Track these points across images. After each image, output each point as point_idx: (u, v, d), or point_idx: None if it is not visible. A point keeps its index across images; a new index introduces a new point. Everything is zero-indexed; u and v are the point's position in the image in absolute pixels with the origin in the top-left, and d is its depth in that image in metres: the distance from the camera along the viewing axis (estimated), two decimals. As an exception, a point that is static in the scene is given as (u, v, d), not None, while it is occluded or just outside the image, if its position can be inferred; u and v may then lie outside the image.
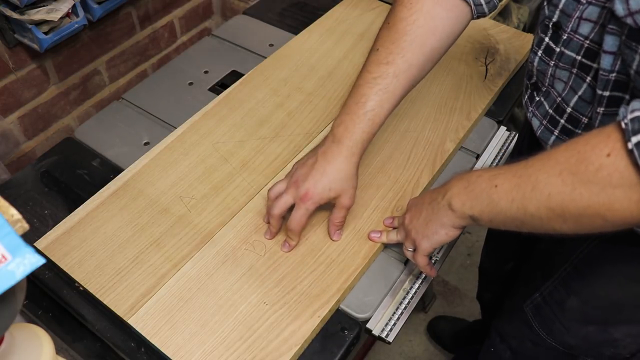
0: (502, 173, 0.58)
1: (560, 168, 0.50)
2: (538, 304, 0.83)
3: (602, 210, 0.48)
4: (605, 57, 0.55)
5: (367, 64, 0.72)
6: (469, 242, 1.76)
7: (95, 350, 0.72)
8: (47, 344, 0.43)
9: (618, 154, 0.46)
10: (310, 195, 0.71)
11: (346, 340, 0.71)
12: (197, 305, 0.71)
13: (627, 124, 0.45)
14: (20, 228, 0.35)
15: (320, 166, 0.71)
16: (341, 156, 0.71)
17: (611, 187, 0.47)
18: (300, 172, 0.73)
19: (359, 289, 0.75)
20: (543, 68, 0.67)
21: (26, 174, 0.90)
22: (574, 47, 0.61)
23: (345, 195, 0.73)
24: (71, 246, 0.77)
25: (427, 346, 1.56)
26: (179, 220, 0.80)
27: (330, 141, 0.72)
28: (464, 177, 0.63)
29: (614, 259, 0.71)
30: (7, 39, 0.97)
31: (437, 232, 0.67)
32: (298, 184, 0.72)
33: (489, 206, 0.59)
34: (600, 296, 0.75)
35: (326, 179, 0.71)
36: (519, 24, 1.56)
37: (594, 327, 0.78)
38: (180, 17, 1.34)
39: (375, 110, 0.70)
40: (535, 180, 0.53)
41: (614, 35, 0.53)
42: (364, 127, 0.70)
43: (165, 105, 1.01)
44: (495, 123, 0.98)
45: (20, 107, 1.07)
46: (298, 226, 0.73)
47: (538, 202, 0.53)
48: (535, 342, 0.86)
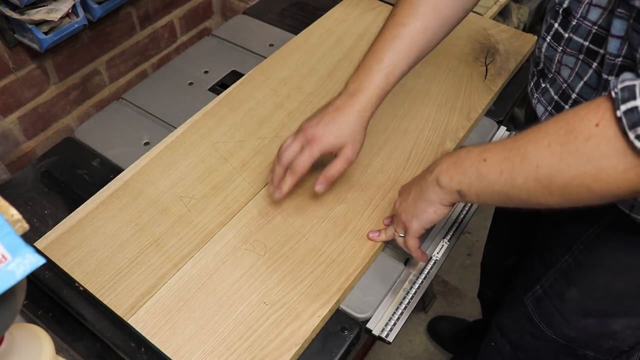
0: (491, 147, 0.58)
1: (549, 139, 0.51)
2: (539, 297, 0.84)
3: (588, 180, 0.48)
4: (613, 41, 0.56)
5: (384, 27, 0.74)
6: (469, 242, 1.76)
7: (95, 350, 0.72)
8: (47, 344, 0.44)
9: (607, 123, 0.46)
10: (317, 139, 0.72)
11: (346, 340, 0.71)
12: (197, 305, 0.71)
13: (617, 92, 0.45)
14: (20, 228, 0.35)
15: (331, 116, 0.73)
16: (353, 109, 0.72)
17: (598, 156, 0.47)
18: (310, 121, 0.74)
19: (359, 289, 0.75)
20: (551, 54, 0.68)
21: (26, 174, 0.90)
22: (582, 32, 0.62)
23: (350, 147, 0.73)
24: (71, 246, 0.77)
25: (427, 346, 1.56)
26: (179, 220, 0.80)
27: (344, 95, 0.74)
28: (453, 153, 0.64)
29: (613, 248, 0.72)
30: (7, 39, 0.97)
31: (426, 210, 0.67)
32: (307, 130, 0.73)
33: (477, 180, 0.59)
34: (600, 286, 0.75)
35: (335, 127, 0.72)
36: (519, 24, 1.56)
37: (593, 319, 0.78)
38: (180, 17, 1.34)
39: (389, 68, 0.72)
40: (525, 151, 0.53)
41: (622, 19, 0.54)
42: (378, 83, 0.72)
43: (165, 105, 1.01)
44: (495, 123, 0.98)
45: (20, 107, 1.07)
46: (300, 168, 0.73)
47: (526, 173, 0.53)
48: (535, 335, 0.87)
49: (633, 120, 0.44)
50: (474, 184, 0.60)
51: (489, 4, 1.23)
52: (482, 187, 0.59)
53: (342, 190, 0.84)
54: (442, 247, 0.81)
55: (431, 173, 0.65)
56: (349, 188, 0.84)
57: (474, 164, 0.59)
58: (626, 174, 0.46)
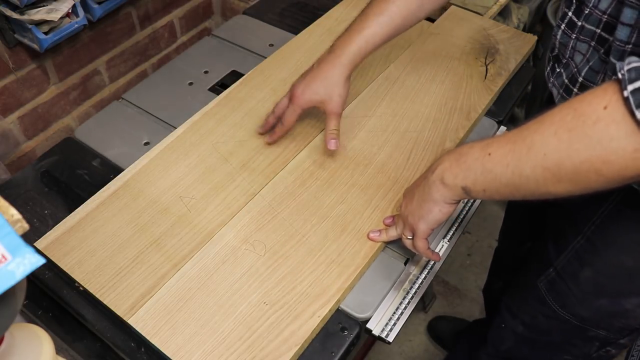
0: (495, 141, 0.59)
1: (555, 128, 0.51)
2: (552, 279, 0.84)
3: (598, 163, 0.49)
4: (622, 28, 0.58)
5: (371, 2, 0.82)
6: (469, 242, 1.76)
7: (95, 350, 0.72)
8: (47, 344, 0.43)
9: (615, 105, 0.47)
10: (297, 97, 0.82)
11: (346, 340, 0.71)
12: (197, 305, 0.71)
13: (623, 74, 0.46)
14: (20, 228, 0.35)
15: (313, 72, 0.82)
16: (332, 64, 0.80)
17: (608, 139, 0.47)
18: (298, 80, 0.84)
19: (359, 289, 0.75)
20: (565, 41, 0.71)
21: (26, 174, 0.90)
22: (594, 21, 0.65)
23: (331, 102, 0.81)
24: (71, 246, 0.77)
25: (427, 346, 1.56)
26: (179, 220, 0.80)
27: (327, 52, 0.82)
28: (455, 151, 0.64)
29: (625, 226, 0.72)
30: (7, 39, 0.97)
31: (431, 210, 0.67)
32: (292, 88, 0.84)
33: (482, 174, 0.59)
34: (614, 265, 0.76)
35: (314, 83, 0.81)
36: (519, 24, 1.56)
37: (606, 299, 0.79)
38: (180, 17, 1.35)
39: (371, 29, 0.79)
40: (531, 142, 0.54)
41: (633, 8, 0.56)
42: (359, 42, 0.79)
43: (165, 105, 1.01)
44: (495, 123, 0.98)
45: (20, 107, 1.07)
46: (287, 121, 0.85)
47: (534, 163, 0.53)
48: (548, 315, 0.87)
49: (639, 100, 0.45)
50: (480, 179, 0.60)
51: (489, 4, 1.23)
52: (488, 181, 0.59)
53: (342, 190, 0.84)
54: (442, 247, 0.81)
55: (433, 172, 0.66)
56: (349, 188, 0.84)
57: (478, 159, 0.59)
58: (635, 154, 0.47)
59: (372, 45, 0.80)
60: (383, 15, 0.79)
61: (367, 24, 0.79)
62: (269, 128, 0.89)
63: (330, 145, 0.83)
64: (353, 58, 0.79)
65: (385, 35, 0.80)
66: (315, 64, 0.82)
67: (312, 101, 0.82)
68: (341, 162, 0.88)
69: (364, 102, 0.97)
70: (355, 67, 0.81)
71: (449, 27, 1.11)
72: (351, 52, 0.79)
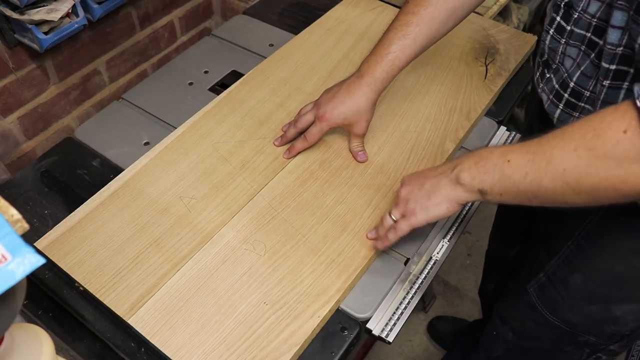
0: (515, 149, 0.60)
1: (575, 144, 0.53)
2: (542, 284, 0.85)
3: (617, 183, 0.51)
4: (613, 31, 0.58)
5: (398, 14, 0.82)
6: (469, 242, 1.76)
7: (95, 350, 0.72)
8: (47, 344, 0.44)
9: (634, 130, 0.48)
10: (327, 118, 0.83)
11: (346, 340, 0.71)
12: (197, 305, 0.71)
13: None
14: (20, 228, 0.35)
15: (341, 95, 0.83)
16: (361, 90, 0.81)
17: (628, 161, 0.49)
18: (325, 97, 0.85)
19: (359, 289, 0.75)
20: (554, 46, 0.71)
21: (26, 174, 0.90)
22: (583, 25, 0.65)
23: (357, 125, 0.84)
24: (71, 246, 0.77)
25: (427, 346, 1.56)
26: (179, 220, 0.80)
27: (355, 76, 0.83)
28: (475, 153, 0.65)
29: (615, 232, 0.73)
30: (7, 39, 0.97)
31: (439, 204, 0.68)
32: (320, 105, 0.84)
33: (500, 179, 0.61)
34: (603, 270, 0.76)
35: (343, 107, 0.82)
36: (519, 24, 1.56)
37: (596, 305, 0.79)
38: (180, 17, 1.34)
39: (396, 53, 0.80)
40: (550, 156, 0.55)
41: (623, 11, 0.56)
42: (384, 67, 0.80)
43: (165, 105, 1.01)
44: (495, 123, 0.98)
45: (20, 107, 1.07)
46: (312, 138, 0.86)
47: (553, 176, 0.55)
48: (538, 321, 0.88)
49: None
50: (498, 184, 0.61)
51: (489, 4, 1.23)
52: (506, 187, 0.60)
53: (342, 190, 0.84)
54: (442, 247, 0.81)
55: (452, 170, 0.66)
56: (349, 188, 0.84)
57: (498, 164, 0.61)
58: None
59: (399, 68, 0.81)
60: (405, 39, 0.79)
61: (391, 49, 0.79)
62: (287, 141, 0.89)
63: (360, 157, 0.87)
64: (381, 83, 0.81)
65: (410, 57, 0.81)
66: (344, 86, 0.83)
67: (342, 124, 0.84)
68: (341, 162, 0.88)
69: (364, 102, 0.97)
70: (382, 92, 0.83)
71: (449, 27, 1.11)
72: (379, 77, 0.80)
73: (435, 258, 0.79)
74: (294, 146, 0.87)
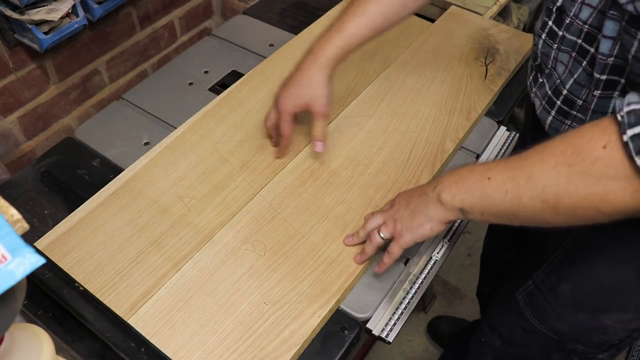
0: (495, 166, 0.58)
1: (555, 160, 0.51)
2: (531, 292, 0.84)
3: (596, 201, 0.49)
4: (605, 41, 0.57)
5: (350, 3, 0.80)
6: (469, 242, 1.76)
7: (95, 350, 0.72)
8: (47, 344, 0.44)
9: (614, 146, 0.46)
10: (283, 106, 0.80)
11: (346, 340, 0.71)
12: (197, 305, 0.71)
13: (623, 116, 0.46)
14: (20, 228, 0.35)
15: (293, 77, 0.80)
16: (312, 66, 0.78)
17: (607, 178, 0.47)
18: (279, 89, 0.82)
19: (359, 289, 0.75)
20: (547, 51, 0.69)
21: (26, 174, 0.90)
22: (575, 31, 0.63)
23: (316, 102, 0.80)
24: (71, 246, 0.77)
25: (427, 346, 1.56)
26: (179, 220, 0.80)
27: (306, 53, 0.80)
28: (456, 171, 0.64)
29: (604, 241, 0.72)
30: (7, 39, 0.97)
31: (423, 225, 0.67)
32: (275, 99, 0.82)
33: (481, 198, 0.59)
34: (592, 280, 0.75)
35: (295, 88, 0.79)
36: (519, 24, 1.56)
37: (585, 314, 0.79)
38: (180, 17, 1.34)
39: (351, 30, 0.78)
40: (530, 172, 0.53)
41: (614, 21, 0.55)
42: (338, 43, 0.78)
43: (165, 105, 1.01)
44: (495, 123, 0.98)
45: (20, 107, 1.07)
46: (284, 132, 0.83)
47: (532, 193, 0.53)
48: (526, 329, 0.87)
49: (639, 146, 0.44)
50: (478, 202, 0.60)
51: (489, 4, 1.23)
52: (486, 206, 0.59)
53: (342, 190, 0.84)
54: (442, 247, 0.81)
55: (433, 189, 0.65)
56: (349, 188, 0.84)
57: (478, 182, 0.59)
58: (635, 194, 0.47)
59: (352, 45, 0.78)
60: (363, 16, 0.77)
61: (346, 25, 0.78)
62: (275, 143, 0.89)
63: (317, 147, 0.83)
64: (332, 58, 0.78)
65: (366, 35, 0.79)
66: (294, 68, 0.81)
67: (298, 105, 0.80)
68: (341, 162, 0.88)
69: (364, 102, 0.97)
70: (335, 67, 0.79)
71: (449, 27, 1.11)
72: (330, 52, 0.78)
73: (435, 258, 0.79)
74: (280, 145, 0.86)
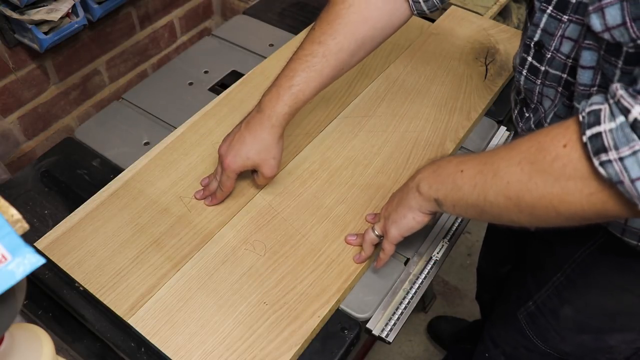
0: (470, 159, 0.58)
1: (520, 157, 0.51)
2: (532, 313, 0.84)
3: (555, 201, 0.48)
4: (584, 72, 0.56)
5: (304, 42, 0.75)
6: (469, 242, 1.76)
7: (95, 350, 0.72)
8: (47, 344, 0.43)
9: (574, 145, 0.46)
10: (229, 166, 0.76)
11: (346, 340, 0.70)
12: (197, 305, 0.71)
13: (584, 117, 0.45)
14: (20, 228, 0.35)
15: (241, 136, 0.75)
16: (262, 126, 0.74)
17: (565, 178, 0.47)
18: (225, 143, 0.77)
19: (359, 289, 0.75)
20: (530, 87, 0.68)
21: (26, 174, 0.90)
22: (558, 65, 0.62)
23: (264, 165, 0.76)
24: (71, 246, 0.77)
25: (427, 346, 1.56)
26: (179, 220, 0.80)
27: (255, 111, 0.75)
28: (435, 162, 0.64)
29: (606, 268, 0.71)
30: (7, 39, 0.97)
31: (405, 216, 0.67)
32: (220, 157, 0.77)
33: (452, 190, 0.59)
34: (594, 306, 0.75)
35: (245, 148, 0.75)
36: (519, 24, 1.56)
37: (588, 335, 0.78)
38: (180, 17, 1.35)
39: (300, 86, 0.73)
40: (497, 167, 0.53)
41: (591, 51, 0.54)
42: (287, 100, 0.73)
43: (165, 105, 1.01)
44: (495, 123, 0.98)
45: (20, 107, 1.08)
46: (226, 188, 0.78)
47: (497, 189, 0.53)
48: (529, 348, 0.87)
49: (597, 147, 0.43)
50: (450, 194, 0.60)
51: (489, 4, 1.23)
52: (457, 198, 0.59)
53: (342, 190, 0.84)
54: (442, 247, 0.81)
55: (413, 179, 0.66)
56: (349, 188, 0.84)
57: (451, 174, 0.59)
58: (590, 197, 0.46)
59: (303, 102, 0.74)
60: (310, 71, 0.72)
61: (294, 81, 0.72)
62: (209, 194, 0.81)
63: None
64: (284, 117, 0.73)
65: (316, 90, 0.74)
66: (243, 124, 0.76)
67: (246, 166, 0.76)
68: (341, 162, 0.88)
69: (364, 102, 0.97)
70: (286, 125, 0.75)
71: (449, 27, 1.11)
72: (281, 112, 0.73)
73: (435, 258, 0.79)
74: (215, 196, 0.80)
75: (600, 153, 0.43)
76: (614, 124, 0.43)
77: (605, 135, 0.43)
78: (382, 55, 1.06)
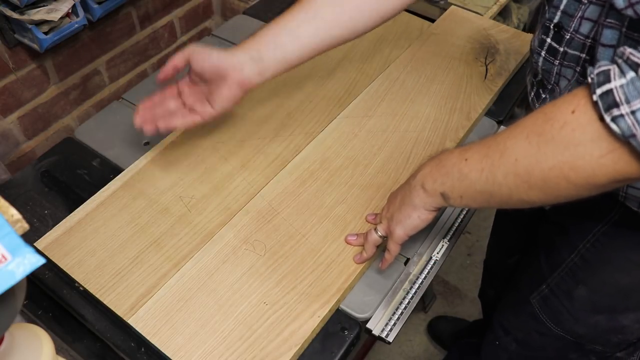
0: (472, 147, 0.58)
1: (527, 131, 0.51)
2: (545, 296, 0.84)
3: (566, 169, 0.48)
4: (605, 50, 0.56)
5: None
6: (469, 242, 1.76)
7: (95, 350, 0.72)
8: (47, 344, 0.44)
9: (582, 108, 0.46)
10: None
11: (346, 340, 0.71)
12: (197, 305, 0.71)
13: (593, 78, 0.46)
14: (20, 228, 0.35)
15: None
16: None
17: (574, 144, 0.47)
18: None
19: (359, 289, 0.75)
20: (548, 67, 0.68)
21: (26, 174, 0.90)
22: (577, 46, 0.62)
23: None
24: (71, 246, 0.77)
25: (427, 346, 1.56)
26: (179, 220, 0.80)
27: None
28: (435, 157, 0.64)
29: (621, 246, 0.72)
30: (7, 39, 0.97)
31: (410, 215, 0.66)
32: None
33: (459, 180, 0.59)
34: (609, 283, 0.75)
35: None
36: (519, 24, 1.56)
37: (602, 315, 0.78)
38: (180, 17, 1.34)
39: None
40: (504, 146, 0.53)
41: (612, 29, 0.54)
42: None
43: (165, 105, 1.01)
44: (495, 123, 0.98)
45: (20, 107, 1.07)
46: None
47: (506, 168, 0.53)
48: (542, 332, 0.87)
49: (608, 103, 0.44)
50: (457, 185, 0.59)
51: (489, 4, 1.23)
52: (464, 187, 0.59)
53: (342, 190, 0.84)
54: (442, 247, 0.81)
55: (415, 177, 0.65)
56: (349, 188, 0.84)
57: (456, 164, 0.59)
58: (601, 159, 0.46)
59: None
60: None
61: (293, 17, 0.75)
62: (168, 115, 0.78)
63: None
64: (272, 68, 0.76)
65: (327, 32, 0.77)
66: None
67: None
68: (341, 162, 0.88)
69: (364, 102, 0.97)
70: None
71: (449, 27, 1.11)
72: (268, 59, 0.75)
73: (435, 258, 0.79)
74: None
75: (611, 108, 0.44)
76: (624, 80, 0.43)
77: (616, 91, 0.43)
78: (382, 55, 1.06)
